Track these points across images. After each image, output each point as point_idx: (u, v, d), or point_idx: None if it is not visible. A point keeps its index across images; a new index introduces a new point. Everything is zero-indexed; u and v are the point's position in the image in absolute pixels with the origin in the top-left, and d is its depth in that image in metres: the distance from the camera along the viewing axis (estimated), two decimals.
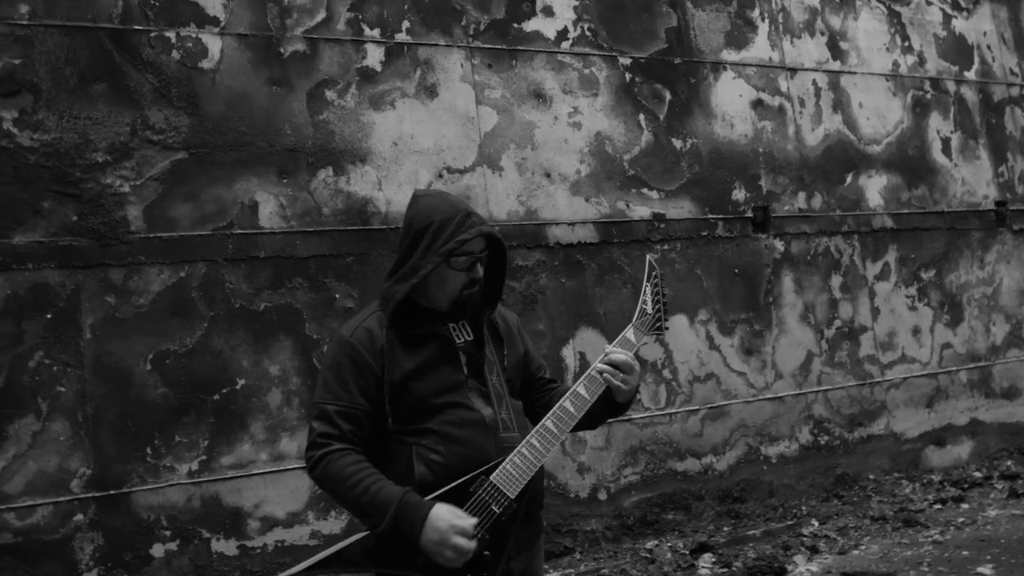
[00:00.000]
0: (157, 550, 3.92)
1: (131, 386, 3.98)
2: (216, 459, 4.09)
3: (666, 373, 5.19)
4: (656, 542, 4.85)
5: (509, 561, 2.00)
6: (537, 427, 2.02)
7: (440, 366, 2.04)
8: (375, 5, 4.70)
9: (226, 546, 4.05)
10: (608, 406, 2.13)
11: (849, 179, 6.04)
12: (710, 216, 5.46)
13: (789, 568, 4.49)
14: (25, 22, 3.98)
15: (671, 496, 5.10)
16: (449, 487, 1.94)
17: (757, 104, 5.75)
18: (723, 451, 5.31)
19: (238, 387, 4.17)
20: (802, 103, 5.92)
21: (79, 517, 3.83)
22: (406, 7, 4.78)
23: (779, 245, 5.68)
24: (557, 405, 2.05)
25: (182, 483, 4.01)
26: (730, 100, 5.65)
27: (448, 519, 1.87)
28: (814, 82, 5.99)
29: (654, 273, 2.26)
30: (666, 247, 5.30)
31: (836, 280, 5.86)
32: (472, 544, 1.88)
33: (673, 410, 5.19)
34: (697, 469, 5.22)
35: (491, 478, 1.96)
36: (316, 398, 2.01)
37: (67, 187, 3.98)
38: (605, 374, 2.07)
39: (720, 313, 5.41)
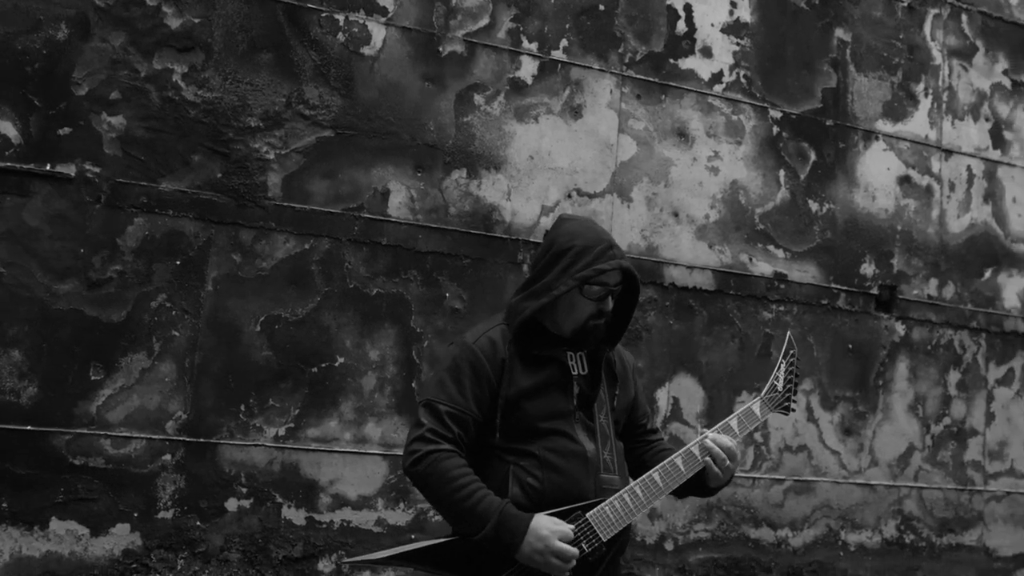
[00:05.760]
0: (231, 504, 4.05)
1: (239, 344, 4.13)
2: (303, 429, 4.19)
3: (757, 437, 5.04)
4: None
5: None
6: (644, 477, 1.99)
7: (552, 391, 2.03)
8: (537, 19, 4.75)
9: (295, 515, 4.14)
10: (699, 484, 2.08)
11: (988, 274, 5.74)
12: (833, 285, 5.29)
13: None
14: None
15: (739, 561, 4.95)
16: (545, 513, 1.92)
17: (904, 180, 5.54)
18: (801, 527, 5.11)
19: (336, 364, 4.26)
20: (952, 187, 5.67)
21: (167, 457, 3.98)
22: (567, 26, 4.81)
23: (900, 328, 5.45)
24: (668, 459, 2.02)
25: (267, 445, 4.13)
26: (877, 171, 5.46)
27: (549, 526, 1.87)
28: (968, 168, 5.73)
29: (792, 352, 2.22)
30: (782, 308, 5.15)
31: (954, 376, 5.58)
32: (575, 550, 1.87)
33: (757, 475, 5.03)
34: (771, 540, 5.04)
35: (587, 516, 1.93)
36: (429, 396, 2.01)
37: (218, 145, 4.16)
38: (707, 456, 2.02)
39: (825, 386, 5.22)
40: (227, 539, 4.01)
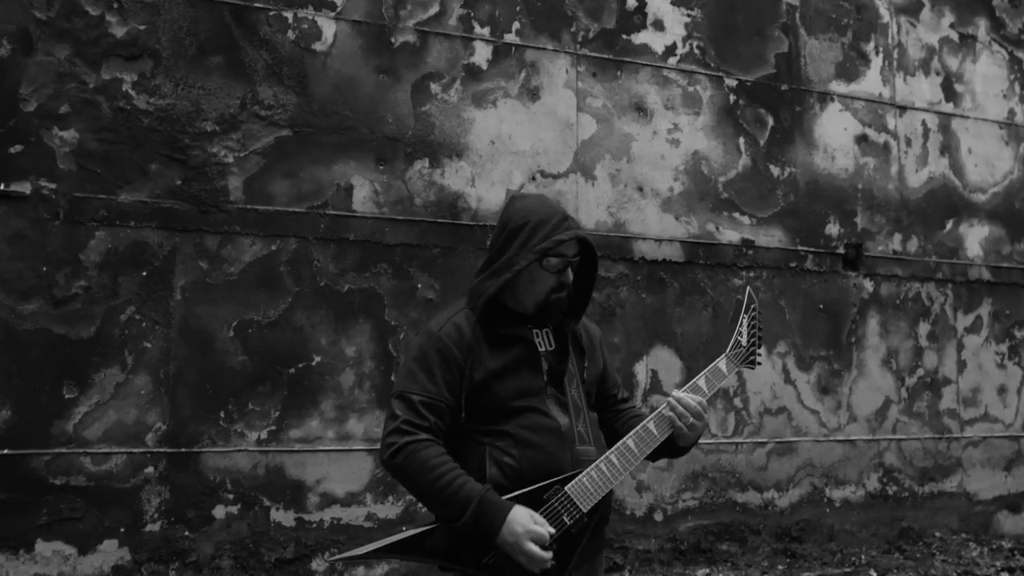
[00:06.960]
0: (219, 511, 4.03)
1: (213, 350, 4.10)
2: (285, 431, 4.17)
3: (737, 402, 5.09)
4: (707, 571, 4.77)
5: (572, 571, 1.98)
6: (618, 444, 2.00)
7: (521, 370, 2.03)
8: (488, 4, 4.74)
9: (284, 516, 4.13)
10: (669, 445, 2.10)
11: (949, 226, 5.83)
12: (800, 248, 5.35)
13: None
14: None
15: (728, 526, 5.01)
16: (524, 491, 1.93)
17: (862, 139, 5.60)
18: (786, 488, 5.18)
19: (314, 363, 4.25)
20: (908, 143, 5.75)
21: (150, 470, 3.95)
22: (518, 8, 4.80)
23: (868, 285, 5.53)
24: (640, 425, 2.03)
25: (250, 450, 4.11)
26: (834, 132, 5.52)
27: (525, 524, 1.87)
28: (923, 122, 5.81)
29: (752, 306, 2.22)
30: (751, 274, 5.20)
31: (924, 328, 5.67)
32: (546, 555, 1.86)
33: (740, 440, 5.09)
34: (758, 503, 5.11)
35: (566, 489, 1.94)
36: (401, 387, 2.00)
37: (175, 152, 4.11)
38: (674, 418, 2.04)
39: (800, 348, 5.29)
40: (217, 546, 4.00)
